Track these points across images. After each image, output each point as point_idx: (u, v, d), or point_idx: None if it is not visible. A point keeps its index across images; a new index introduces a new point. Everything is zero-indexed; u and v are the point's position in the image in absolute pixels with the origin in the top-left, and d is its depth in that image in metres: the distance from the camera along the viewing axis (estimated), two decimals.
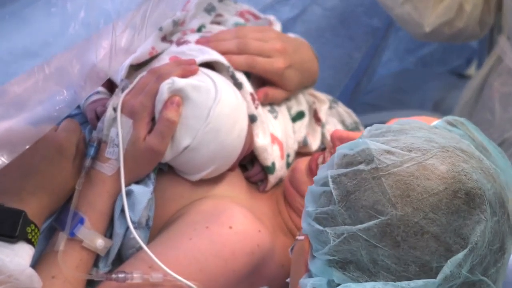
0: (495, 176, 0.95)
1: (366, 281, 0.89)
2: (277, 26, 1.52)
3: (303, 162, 1.31)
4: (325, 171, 0.97)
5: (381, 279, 0.89)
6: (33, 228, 1.11)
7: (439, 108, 2.31)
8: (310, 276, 0.95)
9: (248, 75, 1.36)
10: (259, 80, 1.38)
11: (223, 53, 1.33)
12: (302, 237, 1.00)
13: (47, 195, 1.16)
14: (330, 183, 0.94)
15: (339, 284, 0.91)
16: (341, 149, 0.97)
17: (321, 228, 0.93)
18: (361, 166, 0.92)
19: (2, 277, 1.06)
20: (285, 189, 1.33)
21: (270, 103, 1.39)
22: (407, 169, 0.90)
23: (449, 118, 1.22)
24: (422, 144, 0.93)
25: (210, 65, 1.32)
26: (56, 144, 1.17)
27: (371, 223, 0.89)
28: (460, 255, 0.88)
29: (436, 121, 1.20)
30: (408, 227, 0.88)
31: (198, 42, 1.35)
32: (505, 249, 0.94)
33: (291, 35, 1.47)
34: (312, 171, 1.28)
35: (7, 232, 1.08)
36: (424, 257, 0.88)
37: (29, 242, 1.10)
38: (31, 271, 1.08)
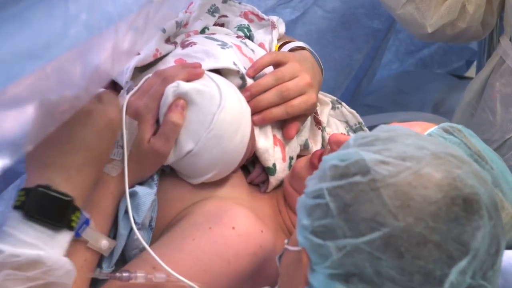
0: (486, 179, 0.95)
1: None
2: (282, 26, 1.53)
3: (302, 161, 1.31)
4: (316, 183, 0.96)
5: None
6: (77, 214, 1.10)
7: (439, 110, 2.32)
8: None
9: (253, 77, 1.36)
10: None
11: (266, 108, 1.32)
12: (293, 248, 0.99)
13: (94, 172, 1.15)
14: (327, 196, 0.93)
15: None
16: (331, 160, 0.96)
17: (320, 241, 0.92)
18: (357, 178, 0.92)
19: (36, 272, 1.05)
20: (284, 190, 1.34)
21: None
22: (404, 179, 0.90)
23: (445, 125, 1.22)
24: (414, 152, 0.93)
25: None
26: (106, 118, 1.15)
27: (374, 235, 0.89)
28: (464, 262, 0.89)
29: (431, 129, 1.21)
30: (411, 238, 0.88)
31: (243, 92, 1.32)
32: (500, 251, 0.94)
33: (295, 44, 1.46)
34: (314, 166, 1.28)
35: (53, 220, 1.08)
36: (427, 266, 0.88)
37: (71, 228, 1.10)
38: (69, 265, 1.09)
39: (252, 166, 1.37)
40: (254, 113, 1.32)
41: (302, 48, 1.47)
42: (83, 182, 1.12)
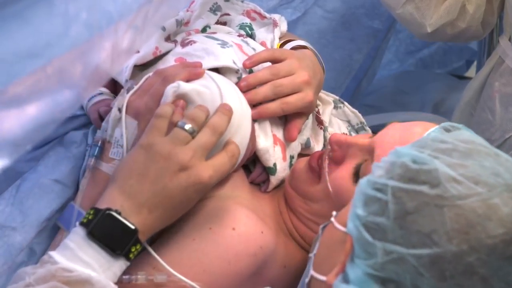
0: None
1: None
2: (283, 25, 1.53)
3: (302, 162, 1.31)
4: (383, 176, 0.93)
5: None
6: (138, 247, 1.09)
7: (439, 110, 2.32)
8: (345, 279, 0.93)
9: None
10: None
11: (261, 102, 1.32)
12: (341, 228, 0.97)
13: (164, 217, 1.12)
14: (389, 195, 0.91)
15: None
16: (404, 156, 0.93)
17: (370, 239, 0.90)
18: (425, 188, 0.90)
19: None
20: (285, 190, 1.33)
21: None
22: (471, 204, 0.88)
23: (446, 124, 1.22)
24: (488, 178, 0.90)
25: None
26: (197, 179, 1.11)
27: (424, 251, 0.87)
28: None
29: (432, 128, 1.21)
30: (459, 265, 0.87)
31: (239, 82, 1.33)
32: None
33: (297, 42, 1.46)
34: (312, 168, 1.28)
35: (114, 247, 1.07)
36: None
37: (128, 259, 1.09)
38: None
39: (253, 165, 1.37)
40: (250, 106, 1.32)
41: (304, 47, 1.47)
42: (150, 222, 1.10)
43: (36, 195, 1.26)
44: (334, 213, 1.04)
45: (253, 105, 1.31)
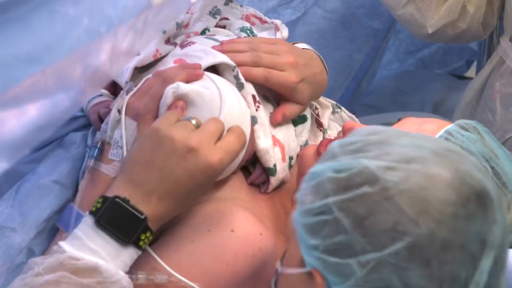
0: (484, 169, 0.95)
1: None
2: (284, 31, 1.53)
3: (311, 148, 1.29)
4: (316, 199, 0.91)
5: None
6: (148, 235, 1.08)
7: (439, 110, 2.32)
8: None
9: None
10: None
11: (238, 64, 1.32)
12: (297, 270, 0.95)
13: (175, 206, 1.11)
14: (336, 211, 0.89)
15: None
16: (324, 174, 0.92)
17: (339, 260, 0.89)
18: (366, 189, 0.88)
19: (91, 281, 1.04)
20: (297, 186, 1.33)
21: (272, 105, 1.39)
22: (416, 183, 0.88)
23: (461, 122, 1.22)
24: (414, 152, 0.90)
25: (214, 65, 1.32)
26: (206, 163, 1.09)
27: (398, 245, 0.86)
28: (486, 260, 0.87)
29: (449, 125, 1.21)
30: (435, 243, 0.86)
31: (213, 48, 1.34)
32: (509, 243, 0.93)
33: (300, 45, 1.46)
34: (320, 154, 1.27)
35: (122, 234, 1.06)
36: (454, 270, 0.86)
37: (139, 247, 1.09)
38: (125, 282, 1.07)
39: (252, 166, 1.37)
40: None
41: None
42: (160, 210, 1.09)
43: (35, 196, 1.26)
44: (278, 264, 1.02)
45: None
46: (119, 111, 1.25)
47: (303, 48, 1.46)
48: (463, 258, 0.86)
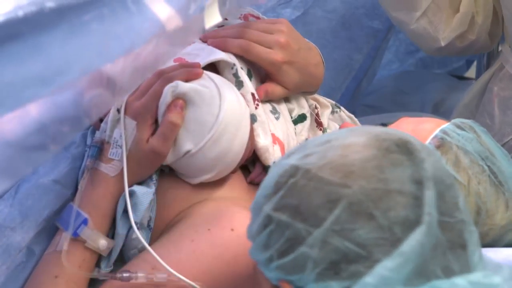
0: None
1: (367, 268, 0.86)
2: None
3: None
4: (256, 221, 0.93)
5: (379, 255, 0.86)
6: None
7: (439, 110, 2.32)
8: None
9: (250, 75, 1.36)
10: (261, 82, 1.39)
11: (221, 37, 1.32)
12: None
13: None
14: (274, 215, 0.90)
15: None
16: (257, 199, 0.94)
17: (292, 255, 0.89)
18: (291, 181, 0.90)
19: None
20: None
21: (272, 103, 1.39)
22: (335, 155, 0.89)
23: (457, 121, 1.22)
24: (330, 135, 0.93)
25: (213, 62, 1.32)
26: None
27: (336, 211, 0.87)
28: (428, 197, 0.87)
29: (445, 124, 1.21)
30: (371, 195, 0.86)
31: (204, 36, 1.34)
32: (456, 186, 0.93)
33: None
34: None
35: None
36: (400, 214, 0.86)
37: None
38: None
39: (252, 165, 1.37)
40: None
41: None
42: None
43: (35, 195, 1.26)
44: None
45: None
46: (119, 110, 1.25)
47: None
48: (405, 201, 0.87)
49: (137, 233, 1.19)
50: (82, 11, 0.85)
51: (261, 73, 1.39)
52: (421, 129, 1.20)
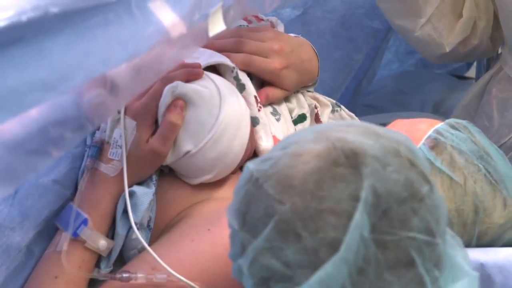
0: (381, 133, 0.89)
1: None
2: (280, 27, 1.53)
3: None
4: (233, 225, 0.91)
5: (301, 278, 0.83)
6: None
7: (439, 110, 2.31)
8: None
9: (250, 77, 1.36)
10: (261, 83, 1.39)
11: (219, 51, 1.33)
12: None
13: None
14: (232, 221, 0.89)
15: None
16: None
17: (235, 266, 0.89)
18: (247, 186, 0.88)
19: None
20: None
21: (272, 104, 1.39)
22: (284, 164, 0.86)
23: (452, 121, 1.22)
24: (296, 137, 0.90)
25: (213, 66, 1.32)
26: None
27: (268, 228, 0.84)
28: (358, 216, 0.81)
29: (438, 124, 1.21)
30: (301, 215, 0.83)
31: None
32: (422, 195, 0.85)
33: (292, 35, 1.47)
34: None
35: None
36: (329, 235, 0.82)
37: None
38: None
39: None
40: None
41: None
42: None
43: (34, 195, 1.26)
44: None
45: None
46: (119, 111, 1.24)
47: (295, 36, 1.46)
48: (336, 221, 0.82)
49: (137, 233, 1.19)
50: (86, 16, 0.85)
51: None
52: (416, 130, 1.20)
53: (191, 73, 1.25)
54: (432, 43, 1.72)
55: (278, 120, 1.37)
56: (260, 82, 1.39)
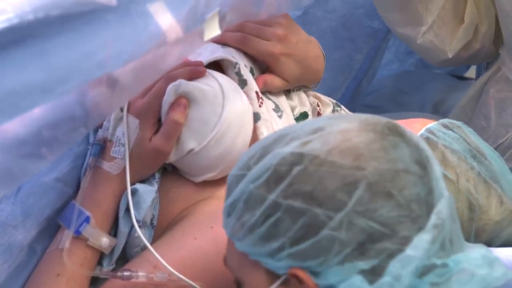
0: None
1: (395, 244, 0.87)
2: None
3: None
4: (254, 211, 0.91)
5: (404, 232, 0.88)
6: None
7: (439, 110, 2.31)
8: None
9: (252, 73, 1.36)
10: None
11: (223, 36, 1.32)
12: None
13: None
14: (283, 202, 0.89)
15: (373, 270, 0.88)
16: (246, 189, 0.91)
17: (312, 240, 0.88)
18: (296, 168, 0.89)
19: None
20: None
21: (274, 100, 1.39)
22: (336, 141, 0.90)
23: (445, 121, 1.23)
24: (312, 123, 0.94)
25: (216, 61, 1.32)
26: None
27: (357, 194, 0.88)
28: (432, 173, 0.92)
29: (431, 124, 1.21)
30: (386, 176, 0.88)
31: None
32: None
33: None
34: None
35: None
36: (413, 192, 0.89)
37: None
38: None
39: None
40: None
41: None
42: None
43: (37, 194, 1.26)
44: None
45: None
46: (121, 109, 1.25)
47: None
48: (413, 180, 0.89)
49: (139, 231, 1.19)
50: (85, 19, 0.85)
51: (264, 71, 1.39)
52: (410, 129, 1.21)
53: (194, 72, 1.25)
54: (434, 49, 1.72)
55: (280, 116, 1.37)
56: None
